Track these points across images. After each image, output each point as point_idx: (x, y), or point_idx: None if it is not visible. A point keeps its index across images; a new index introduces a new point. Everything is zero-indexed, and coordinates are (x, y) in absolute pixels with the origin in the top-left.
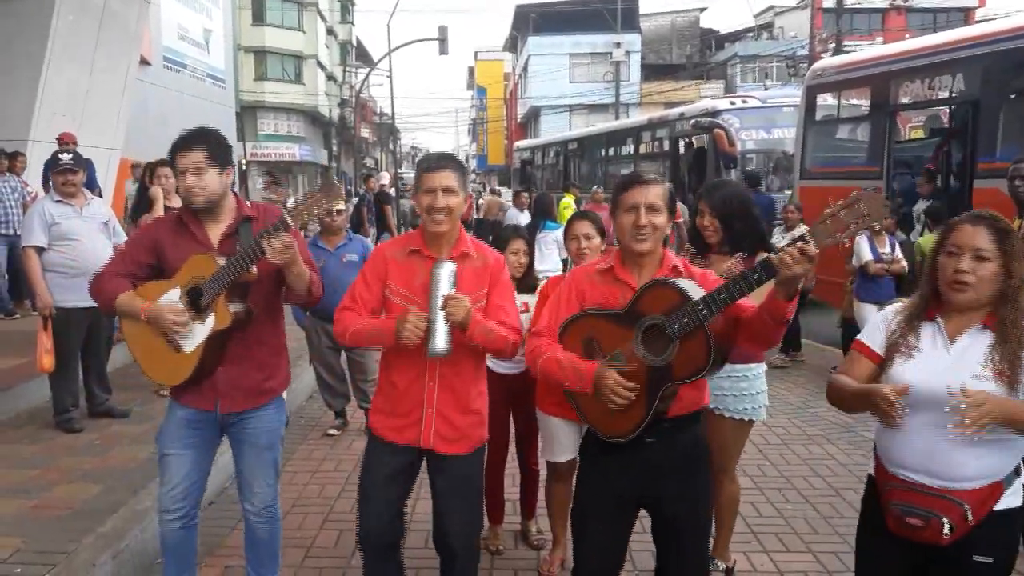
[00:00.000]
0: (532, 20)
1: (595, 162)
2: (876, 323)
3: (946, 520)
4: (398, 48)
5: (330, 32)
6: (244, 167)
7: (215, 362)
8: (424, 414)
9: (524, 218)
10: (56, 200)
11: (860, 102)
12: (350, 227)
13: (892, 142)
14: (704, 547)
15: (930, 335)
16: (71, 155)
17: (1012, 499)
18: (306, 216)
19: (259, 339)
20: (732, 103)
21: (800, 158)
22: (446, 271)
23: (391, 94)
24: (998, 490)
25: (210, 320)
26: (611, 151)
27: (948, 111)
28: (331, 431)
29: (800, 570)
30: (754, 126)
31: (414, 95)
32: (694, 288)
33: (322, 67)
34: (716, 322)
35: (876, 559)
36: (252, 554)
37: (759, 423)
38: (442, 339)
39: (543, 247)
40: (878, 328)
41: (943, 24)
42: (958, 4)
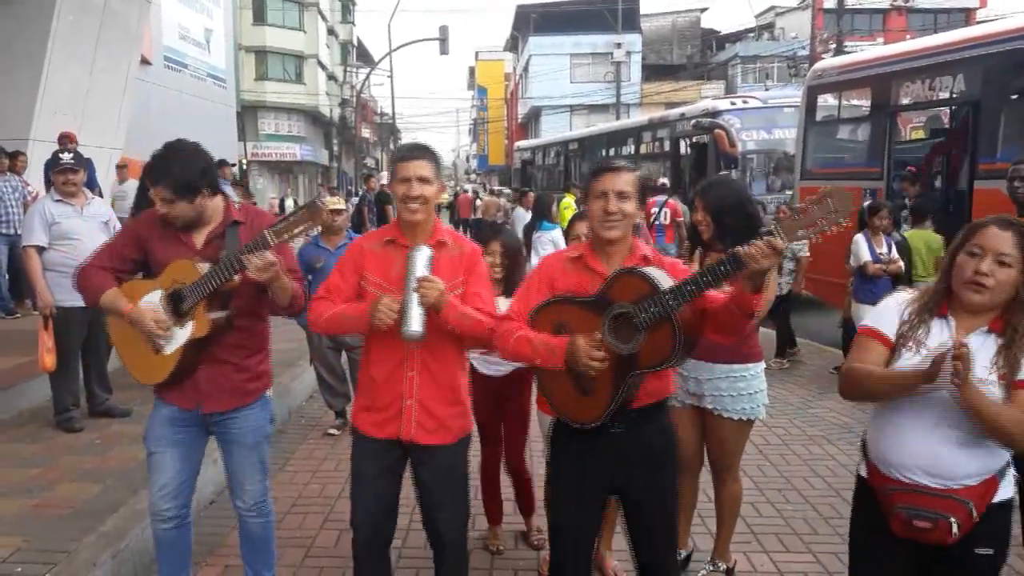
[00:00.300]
0: (533, 20)
1: (596, 162)
2: (888, 309)
3: (954, 520)
4: (399, 48)
5: (331, 32)
6: (245, 167)
7: (194, 365)
8: (404, 405)
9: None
10: (56, 199)
11: (861, 103)
12: (351, 227)
13: (893, 143)
14: (672, 533)
15: (939, 333)
16: (72, 154)
17: (1006, 491)
18: (287, 236)
19: (240, 343)
20: (733, 103)
21: (801, 158)
22: (422, 255)
23: (392, 94)
24: (994, 484)
25: (189, 326)
26: (612, 151)
27: (949, 112)
28: (331, 431)
29: (800, 571)
30: (755, 126)
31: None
32: (663, 278)
33: (323, 67)
34: (684, 312)
35: (877, 560)
36: (247, 550)
37: (760, 424)
38: (416, 321)
39: (540, 247)
40: (891, 314)
41: (944, 25)
42: (959, 5)
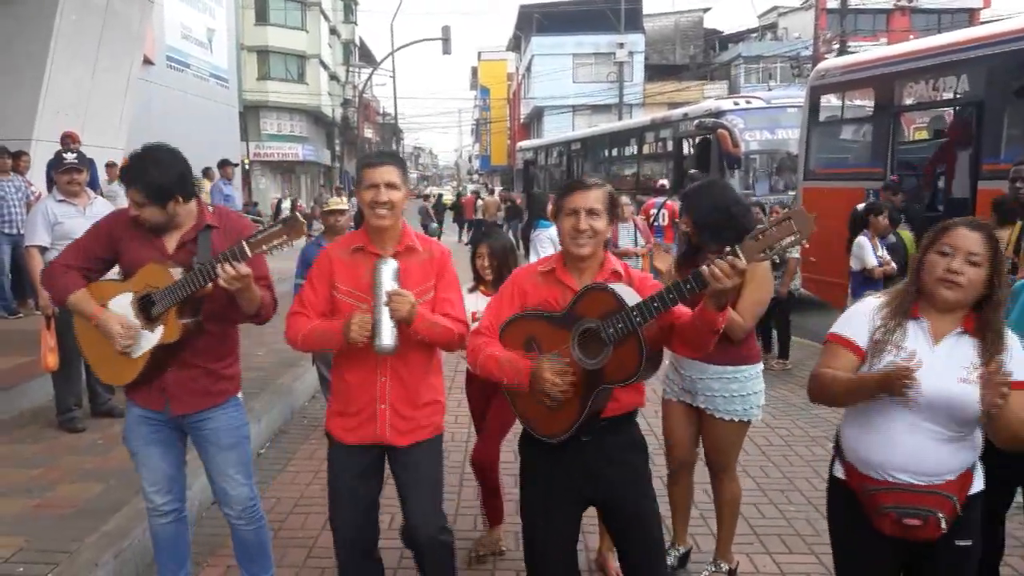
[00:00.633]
0: (535, 20)
1: (598, 163)
2: (858, 316)
3: (941, 515)
4: (401, 48)
5: (333, 32)
6: (247, 167)
7: (162, 368)
8: (378, 409)
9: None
10: (59, 199)
11: (864, 103)
12: (353, 227)
13: (896, 143)
14: (655, 537)
15: (914, 334)
16: (75, 154)
17: (978, 483)
18: (264, 247)
19: (209, 347)
20: (736, 103)
21: (804, 159)
22: (388, 268)
23: (394, 94)
24: (970, 477)
25: (159, 331)
26: (614, 152)
27: (952, 112)
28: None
29: (802, 571)
30: (758, 127)
31: (417, 95)
32: (630, 294)
33: (325, 67)
34: (649, 328)
35: (865, 560)
36: (242, 556)
37: (763, 425)
38: (388, 335)
39: (538, 246)
40: (861, 321)
41: (947, 25)
42: (963, 5)
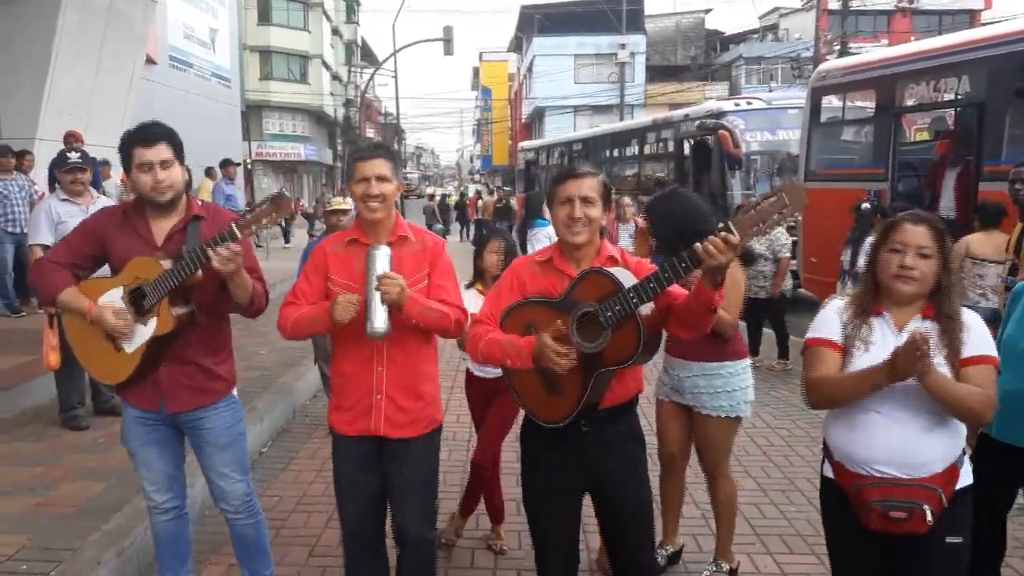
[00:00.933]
0: (537, 21)
1: (600, 163)
2: (830, 316)
3: (927, 507)
4: (403, 48)
5: (335, 32)
6: (250, 166)
7: (156, 363)
8: (374, 401)
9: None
10: (63, 199)
11: (865, 104)
12: None
13: (897, 144)
14: (648, 531)
15: (879, 329)
16: (79, 153)
17: (966, 478)
18: (255, 228)
19: (202, 341)
20: (737, 104)
21: (805, 160)
22: (381, 253)
23: (396, 94)
24: (956, 471)
25: (152, 323)
26: (616, 152)
27: (953, 113)
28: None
29: (803, 572)
30: (759, 127)
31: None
32: (627, 276)
33: (327, 67)
34: (648, 311)
35: (853, 557)
36: (241, 552)
37: (764, 425)
38: (379, 320)
39: (535, 244)
40: (833, 320)
41: (948, 26)
42: (964, 6)
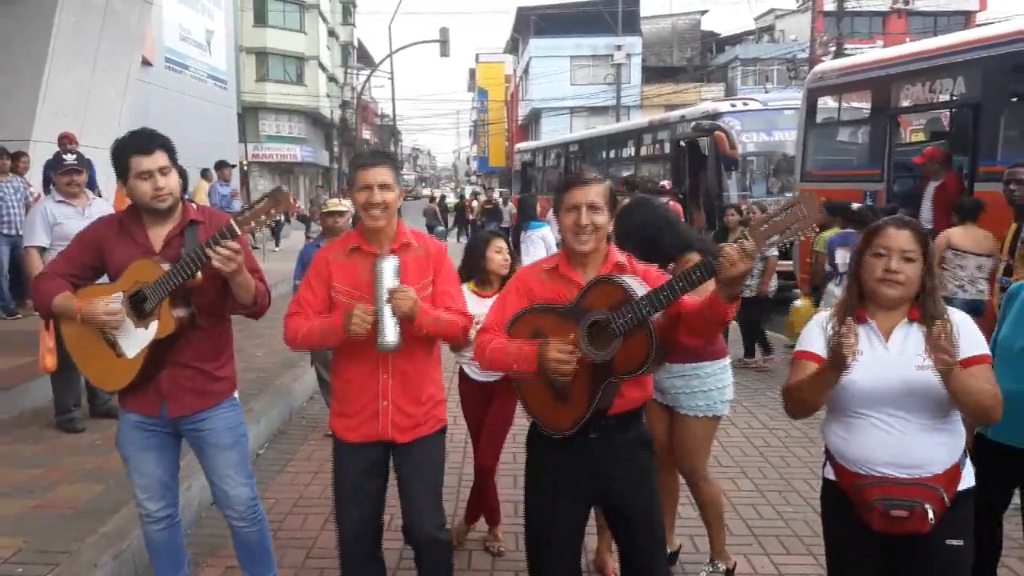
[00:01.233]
0: (533, 22)
1: (596, 164)
2: (813, 329)
3: (928, 506)
4: (399, 50)
5: (331, 34)
6: (246, 168)
7: (158, 366)
8: (380, 407)
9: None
10: (58, 200)
11: (861, 105)
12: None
13: (893, 145)
14: (658, 538)
15: (865, 335)
16: (75, 155)
17: (968, 479)
18: (253, 224)
19: (203, 344)
20: (733, 105)
21: (801, 161)
22: (389, 265)
23: (392, 96)
24: (958, 471)
25: (153, 326)
26: (612, 153)
27: (949, 114)
28: (332, 432)
29: (800, 572)
30: (755, 128)
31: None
32: (638, 285)
33: (323, 68)
34: (658, 318)
35: (853, 559)
36: (244, 556)
37: (760, 426)
38: (391, 332)
39: (530, 246)
40: (816, 333)
41: (943, 28)
42: (958, 8)
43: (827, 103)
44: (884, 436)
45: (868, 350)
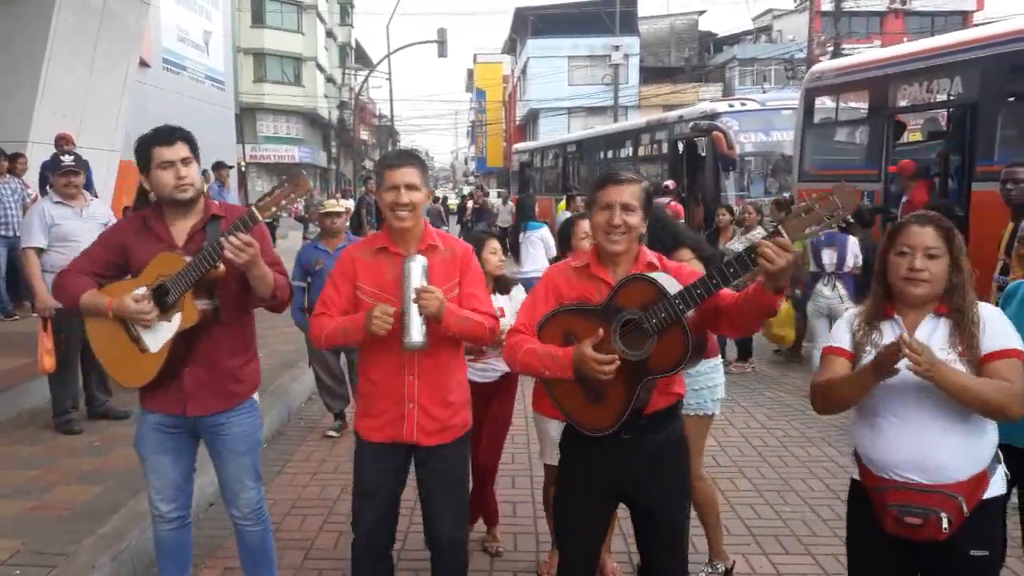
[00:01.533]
0: (531, 23)
1: (594, 164)
2: (842, 326)
3: (944, 515)
4: (397, 50)
5: (329, 34)
6: (244, 169)
7: (181, 362)
8: (406, 409)
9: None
10: (56, 201)
11: (858, 105)
12: (349, 229)
13: (890, 144)
14: (684, 540)
15: (891, 331)
16: (72, 156)
17: (997, 487)
18: (274, 209)
19: (227, 340)
20: (731, 106)
21: (798, 160)
22: (417, 264)
23: (390, 96)
24: (984, 480)
25: (176, 318)
26: (610, 153)
27: (946, 114)
28: (330, 433)
29: (799, 572)
30: (753, 128)
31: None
32: (670, 282)
33: (321, 69)
34: (692, 315)
35: (872, 562)
36: (246, 558)
37: (758, 426)
38: (417, 332)
39: (529, 247)
40: (843, 329)
41: (941, 27)
42: (956, 8)
43: (825, 103)
44: (906, 436)
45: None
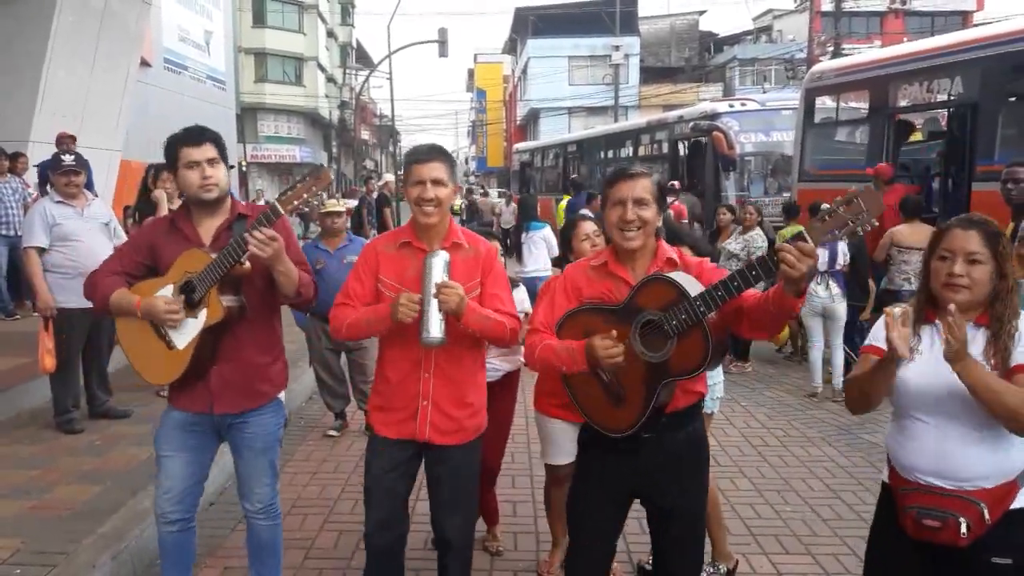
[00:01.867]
0: (531, 23)
1: (594, 164)
2: (879, 326)
3: (963, 520)
4: (398, 50)
5: (330, 34)
6: (244, 169)
7: (209, 359)
8: (420, 407)
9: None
10: (57, 201)
11: (858, 105)
12: (350, 229)
13: (890, 144)
14: (700, 538)
15: (928, 337)
16: (73, 156)
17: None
18: (296, 203)
19: (253, 338)
20: (731, 106)
21: (799, 160)
22: (439, 259)
23: (391, 96)
24: (1014, 489)
25: (203, 314)
26: (610, 153)
27: (946, 114)
28: (331, 432)
29: (799, 572)
30: (753, 129)
31: (414, 97)
32: (691, 283)
33: (322, 69)
34: (713, 317)
35: (889, 560)
36: (254, 554)
37: (758, 426)
38: (436, 327)
39: (532, 247)
40: (882, 329)
41: (941, 27)
42: (956, 8)
43: (825, 103)
44: (931, 440)
45: (928, 350)
